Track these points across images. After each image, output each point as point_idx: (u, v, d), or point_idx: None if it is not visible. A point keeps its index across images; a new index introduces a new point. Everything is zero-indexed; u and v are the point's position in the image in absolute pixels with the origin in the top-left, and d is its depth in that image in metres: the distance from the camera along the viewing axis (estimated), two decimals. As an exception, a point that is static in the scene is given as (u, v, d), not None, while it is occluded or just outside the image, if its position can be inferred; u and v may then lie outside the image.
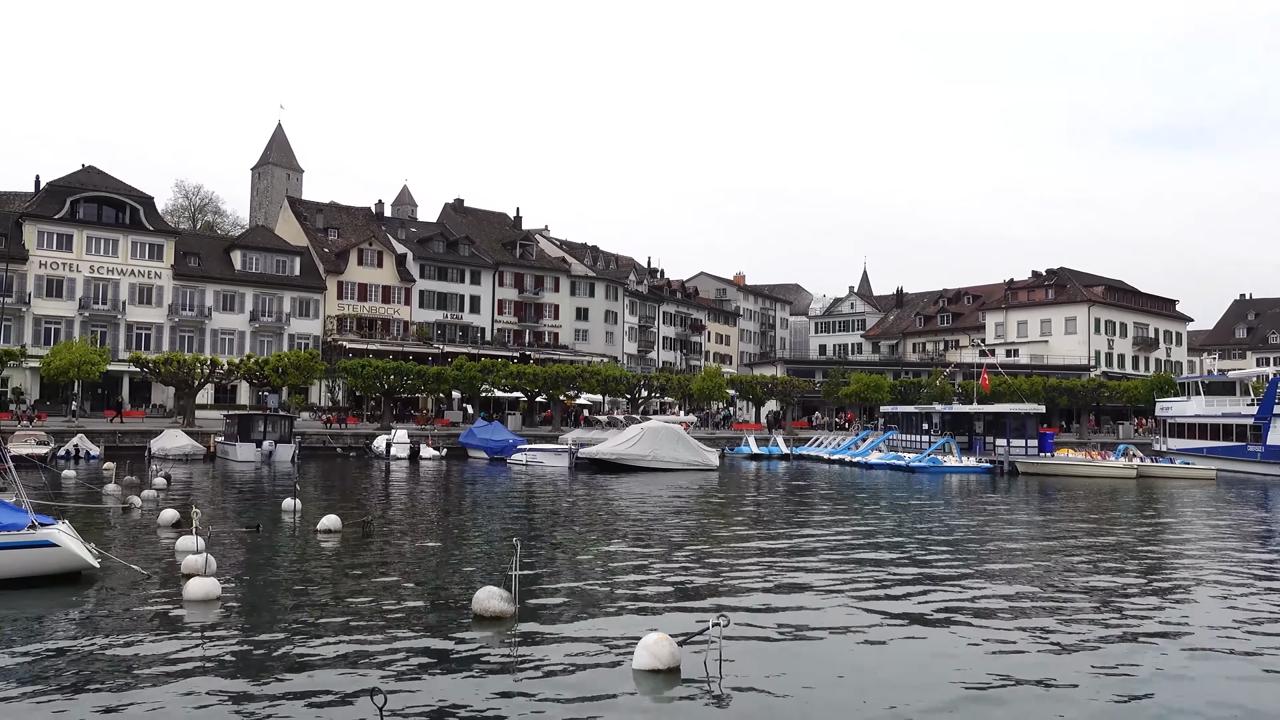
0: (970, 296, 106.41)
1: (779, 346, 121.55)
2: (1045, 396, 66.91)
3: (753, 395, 73.54)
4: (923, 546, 19.58)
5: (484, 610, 11.56)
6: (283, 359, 57.14)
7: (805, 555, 18.05)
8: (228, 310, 68.63)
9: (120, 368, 59.76)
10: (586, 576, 15.41)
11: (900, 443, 55.04)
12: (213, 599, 12.15)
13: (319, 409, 65.01)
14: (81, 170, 67.68)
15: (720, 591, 14.20)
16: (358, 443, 52.53)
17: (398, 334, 76.09)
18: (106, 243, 64.80)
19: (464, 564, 16.65)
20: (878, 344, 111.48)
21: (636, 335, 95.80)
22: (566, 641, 10.81)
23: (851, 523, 24.22)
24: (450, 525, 22.69)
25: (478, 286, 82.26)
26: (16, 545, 12.65)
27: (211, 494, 29.52)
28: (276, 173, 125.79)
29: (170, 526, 19.44)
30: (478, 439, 51.14)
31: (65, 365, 51.97)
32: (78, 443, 43.45)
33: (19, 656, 9.82)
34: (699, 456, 45.10)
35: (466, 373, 60.96)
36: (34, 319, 61.53)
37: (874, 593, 14.15)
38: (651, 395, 72.84)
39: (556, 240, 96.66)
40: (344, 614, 12.09)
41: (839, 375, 79.17)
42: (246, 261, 70.61)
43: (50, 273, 62.56)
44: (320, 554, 17.20)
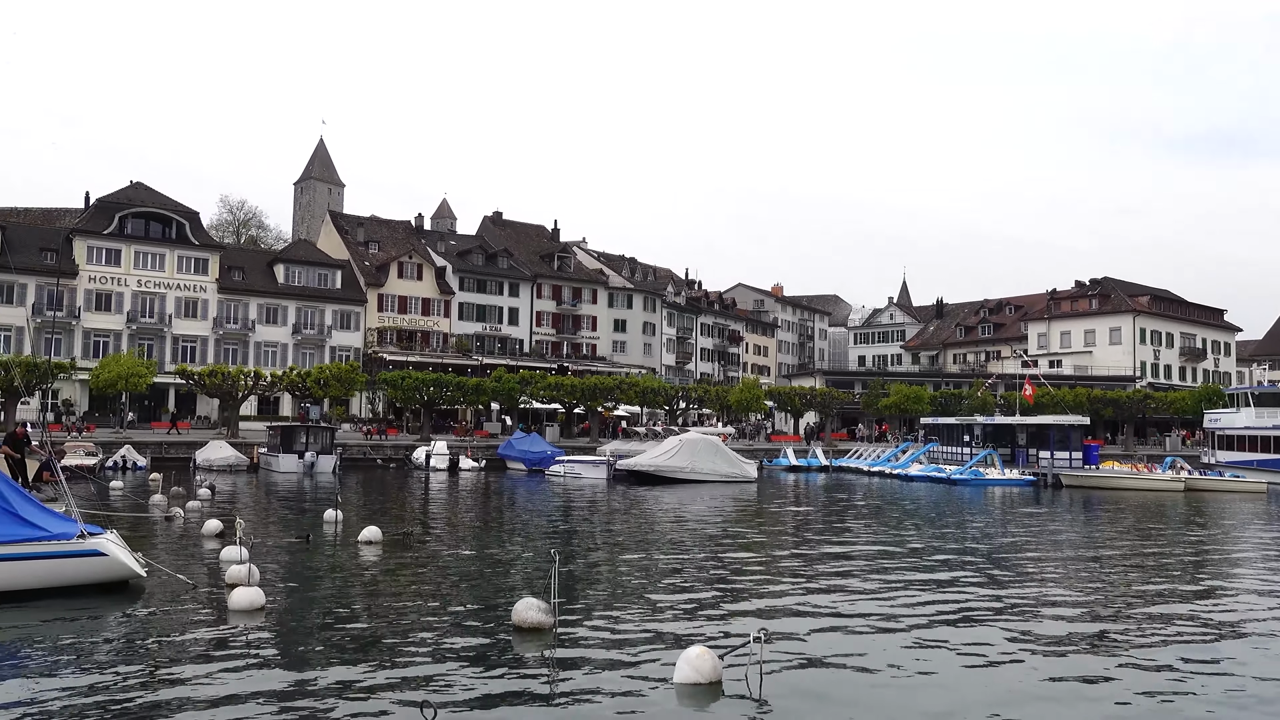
0: (1012, 307, 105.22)
1: (817, 358, 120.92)
2: (1089, 408, 65.96)
3: (791, 407, 73.20)
4: (965, 560, 19.33)
5: (523, 622, 11.56)
6: (324, 371, 57.81)
7: (846, 568, 17.88)
8: (271, 323, 69.61)
9: (166, 380, 60.81)
10: (625, 588, 15.37)
11: (941, 455, 54.49)
12: (257, 609, 12.27)
13: (360, 420, 65.69)
14: (130, 186, 69.10)
15: (761, 605, 14.09)
16: (398, 454, 52.97)
17: (437, 346, 76.71)
18: (154, 257, 66.06)
19: (503, 575, 16.69)
20: (917, 355, 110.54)
21: (674, 347, 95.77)
22: (606, 654, 10.78)
23: (892, 535, 23.98)
24: (489, 536, 22.77)
25: (516, 298, 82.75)
26: (66, 554, 12.86)
27: (255, 505, 29.87)
28: (318, 187, 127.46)
29: (214, 537, 19.69)
30: (516, 450, 51.33)
31: (113, 377, 52.96)
32: (125, 453, 44.21)
33: (68, 664, 9.98)
34: (737, 468, 44.91)
35: (505, 384, 61.28)
36: (83, 332, 62.82)
37: (915, 606, 13.98)
38: (689, 407, 72.76)
39: (594, 252, 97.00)
40: (384, 625, 12.16)
41: (878, 386, 78.57)
42: (289, 275, 71.62)
43: (99, 287, 63.87)
44: (361, 565, 17.32)
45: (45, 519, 13.22)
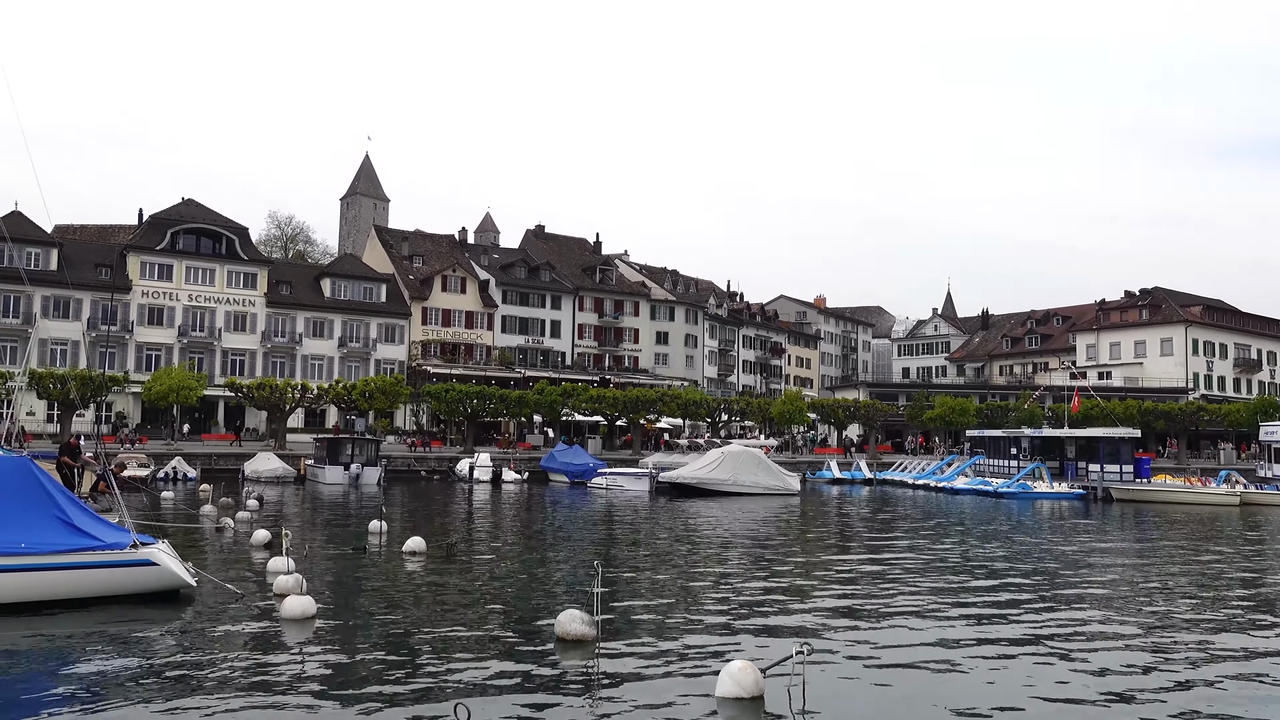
0: (1059, 317, 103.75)
1: (861, 370, 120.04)
2: (1140, 420, 64.79)
3: (834, 419, 72.70)
4: (1012, 574, 19.06)
5: (566, 633, 11.59)
6: (369, 384, 58.49)
7: (890, 582, 17.71)
8: (317, 336, 70.57)
9: (216, 392, 61.87)
10: (668, 600, 15.35)
11: (987, 468, 53.77)
12: (305, 618, 12.42)
13: (404, 432, 66.31)
14: (181, 203, 70.53)
15: (803, 618, 14.00)
16: (441, 466, 53.38)
17: (480, 359, 77.28)
18: (204, 272, 67.33)
19: (546, 586, 16.75)
20: (963, 367, 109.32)
21: (716, 359, 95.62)
22: (648, 666, 10.77)
23: (937, 549, 23.72)
24: (532, 548, 22.87)
25: (558, 311, 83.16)
26: (119, 564, 13.13)
27: (301, 516, 30.25)
28: (364, 202, 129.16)
29: (262, 547, 19.97)
30: (558, 463, 51.49)
31: (165, 390, 54.00)
32: (176, 465, 45.00)
33: (120, 671, 10.18)
34: (780, 481, 44.65)
35: (547, 397, 61.53)
36: (136, 346, 64.14)
37: (960, 621, 13.81)
38: (731, 419, 72.54)
39: (636, 265, 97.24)
40: (429, 634, 12.26)
41: (923, 398, 77.77)
42: (335, 289, 72.61)
43: (152, 301, 65.19)
44: (406, 575, 17.47)
45: (99, 529, 13.52)
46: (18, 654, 10.81)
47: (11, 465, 13.39)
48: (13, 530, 12.52)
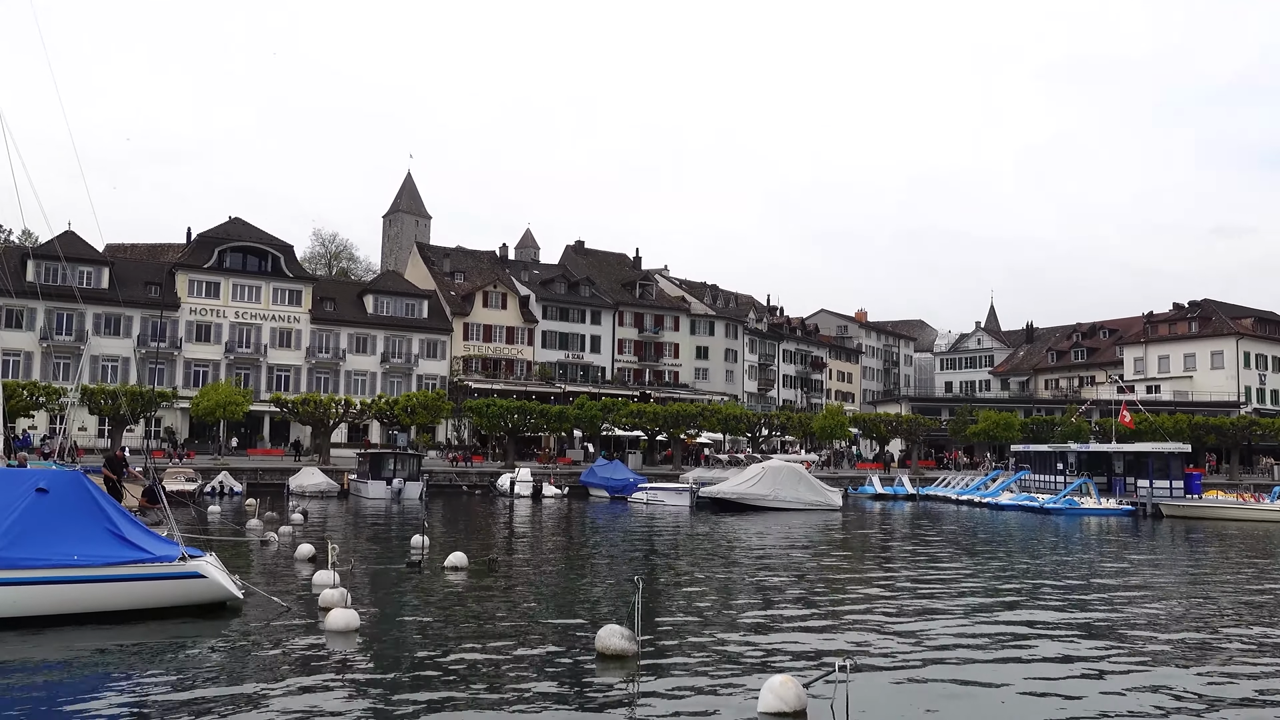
0: (1106, 330, 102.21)
1: (903, 384, 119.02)
2: (1191, 435, 63.54)
3: (876, 433, 72.12)
4: (1060, 592, 18.76)
5: (606, 648, 11.60)
6: (412, 399, 59.01)
7: (933, 598, 17.51)
8: (360, 352, 71.40)
9: (261, 408, 62.74)
10: (709, 616, 15.31)
11: (1033, 483, 53.02)
12: (350, 631, 12.55)
13: (445, 447, 66.78)
14: (228, 222, 71.79)
15: (845, 633, 13.89)
16: (482, 480, 53.66)
17: (521, 374, 77.69)
18: (250, 289, 68.44)
19: (586, 602, 16.77)
20: (1007, 381, 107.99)
21: (756, 373, 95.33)
22: (689, 681, 10.75)
23: (981, 565, 23.42)
24: (573, 563, 22.91)
25: (598, 326, 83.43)
26: (168, 576, 13.35)
27: (344, 529, 30.54)
28: (406, 219, 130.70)
29: (307, 561, 20.19)
30: (599, 478, 51.54)
31: (213, 406, 54.87)
32: (222, 479, 45.62)
33: (168, 682, 10.35)
34: (821, 496, 44.35)
35: (588, 412, 61.68)
36: (184, 362, 65.29)
37: (1005, 639, 13.62)
38: (772, 434, 72.23)
39: (676, 280, 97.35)
40: (471, 648, 12.32)
41: (966, 413, 76.92)
42: (378, 305, 73.46)
43: (200, 318, 66.37)
44: (448, 590, 17.57)
45: (149, 541, 13.77)
46: (71, 664, 11.01)
47: (65, 479, 13.70)
48: (66, 543, 12.80)
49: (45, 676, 10.45)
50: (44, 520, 12.84)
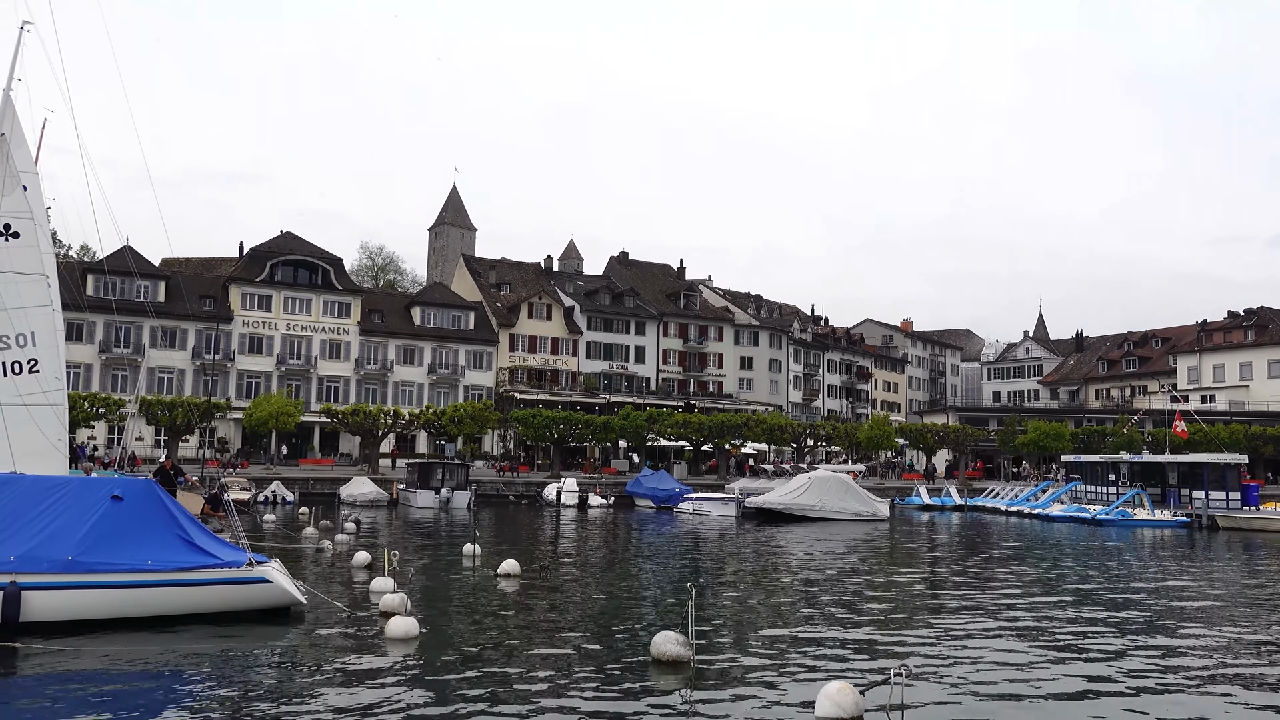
0: (1158, 339, 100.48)
1: (949, 394, 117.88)
2: (1247, 445, 62.27)
3: (923, 444, 71.60)
4: (1112, 603, 18.61)
5: (662, 654, 11.78)
6: (459, 409, 59.68)
7: (985, 607, 17.47)
8: (408, 363, 72.34)
9: (312, 419, 63.77)
10: (760, 623, 15.44)
11: (1084, 494, 52.35)
12: (411, 637, 12.86)
13: (491, 457, 67.39)
14: (279, 236, 73.14)
15: (898, 642, 13.96)
16: (529, 490, 54.11)
17: (566, 384, 78.17)
18: (301, 302, 69.66)
19: (638, 609, 16.96)
20: (1056, 390, 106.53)
21: (801, 384, 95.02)
22: (744, 687, 10.90)
23: (1033, 576, 23.26)
24: (622, 571, 23.13)
25: (642, 337, 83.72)
26: (236, 581, 13.80)
27: (395, 538, 31.00)
28: (451, 232, 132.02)
29: (363, 568, 20.61)
30: (644, 488, 51.76)
31: (265, 416, 55.96)
32: (275, 488, 46.49)
33: (239, 684, 10.72)
34: (868, 507, 44.21)
35: (633, 422, 61.93)
36: (238, 374, 66.57)
37: (1057, 648, 13.59)
38: (817, 444, 71.99)
39: (720, 290, 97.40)
40: (528, 654, 12.57)
41: (1014, 423, 76.09)
42: (425, 317, 74.39)
43: (252, 331, 67.66)
44: (502, 597, 17.86)
45: (218, 548, 14.23)
46: (146, 665, 11.41)
47: (139, 487, 14.21)
48: (140, 548, 13.27)
49: (122, 677, 10.85)
50: (119, 527, 13.33)
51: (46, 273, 20.23)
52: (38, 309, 19.75)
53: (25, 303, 19.55)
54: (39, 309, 19.78)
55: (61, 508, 13.27)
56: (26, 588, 12.31)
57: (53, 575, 12.60)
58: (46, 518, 13.09)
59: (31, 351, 19.46)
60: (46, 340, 19.76)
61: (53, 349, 19.96)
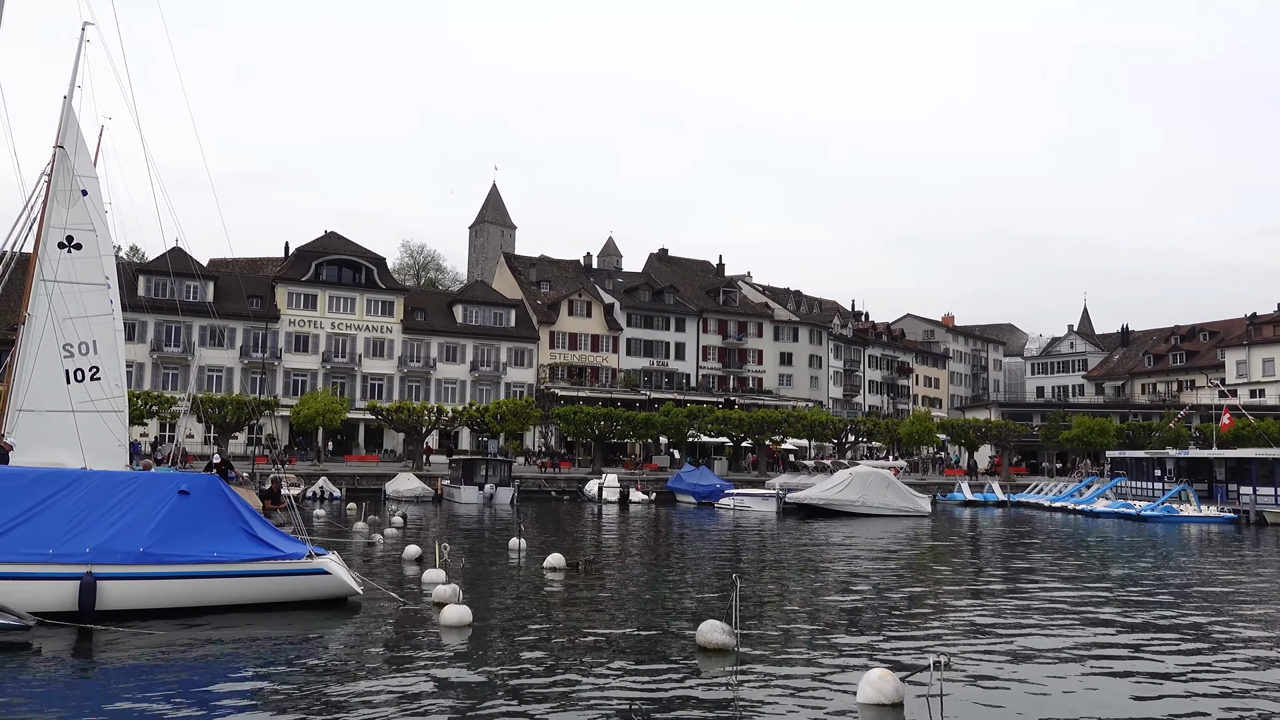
0: (1206, 333, 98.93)
1: (992, 389, 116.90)
2: (1297, 440, 61.26)
3: (965, 439, 71.23)
4: (1158, 599, 18.66)
5: (707, 643, 12.14)
6: (501, 406, 60.38)
7: (1027, 600, 17.62)
8: (450, 361, 73.24)
9: (357, 416, 64.84)
10: (802, 614, 15.73)
11: (1129, 490, 51.88)
12: (463, 625, 13.34)
13: (533, 454, 68.07)
14: (324, 236, 74.34)
15: (939, 633, 14.19)
16: (570, 486, 54.65)
17: (606, 381, 78.68)
18: (345, 301, 70.82)
19: (682, 600, 17.32)
20: (1101, 385, 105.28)
21: (841, 379, 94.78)
22: (788, 674, 11.22)
23: (1076, 571, 23.30)
24: (665, 565, 23.49)
25: (682, 333, 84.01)
26: (297, 572, 14.37)
27: (442, 532, 31.60)
28: (491, 230, 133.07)
29: (414, 561, 21.18)
30: (685, 483, 52.08)
31: (312, 413, 57.01)
32: (322, 484, 47.41)
33: (302, 670, 11.23)
34: (910, 502, 44.21)
35: (673, 418, 62.26)
36: (284, 372, 67.84)
37: (1099, 643, 13.73)
38: (858, 440, 71.89)
39: (759, 286, 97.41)
40: (577, 642, 12.99)
41: (1059, 418, 75.42)
42: (467, 315, 75.26)
43: (298, 330, 68.90)
44: (549, 589, 18.31)
45: (279, 540, 14.81)
46: (213, 652, 11.97)
47: (204, 482, 14.82)
48: (206, 541, 13.87)
49: (190, 662, 11.41)
50: (186, 520, 13.94)
51: (108, 280, 20.99)
52: (99, 318, 20.54)
53: (87, 312, 20.34)
54: (100, 318, 20.57)
55: (132, 502, 13.90)
56: (101, 578, 12.93)
57: (125, 566, 13.22)
58: (118, 511, 13.72)
59: (94, 359, 20.26)
60: (107, 348, 20.55)
61: (113, 356, 20.74)
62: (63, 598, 12.73)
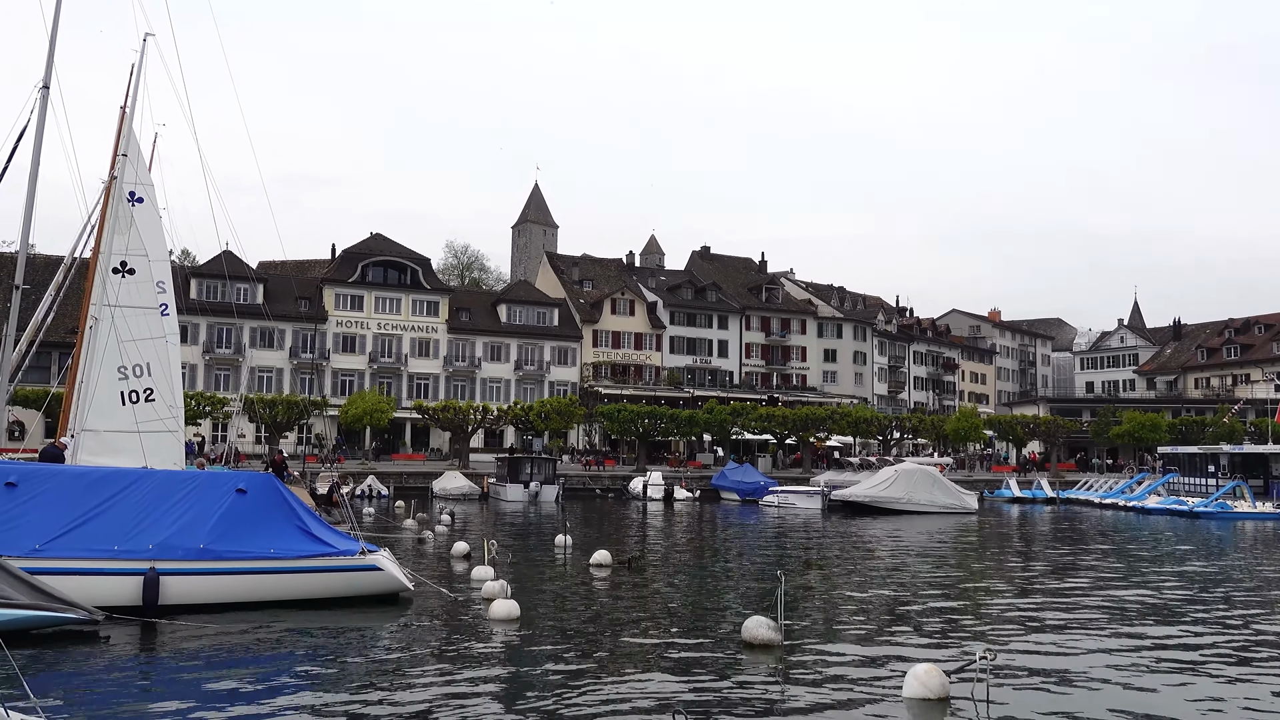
0: (1261, 325, 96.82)
1: (1040, 385, 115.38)
2: (1357, 435, 59.84)
3: (1013, 436, 70.45)
4: (1209, 598, 18.43)
5: (753, 638, 12.26)
6: (545, 405, 60.81)
7: (1074, 598, 17.50)
8: (494, 360, 73.89)
9: (403, 415, 65.67)
10: (847, 610, 15.79)
11: (1182, 486, 51.04)
12: (512, 619, 13.60)
13: (577, 452, 68.46)
14: (370, 237, 75.34)
15: (985, 629, 14.19)
16: (615, 484, 54.91)
17: (649, 379, 78.88)
18: (391, 301, 71.73)
19: (727, 596, 17.45)
20: (1152, 380, 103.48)
21: (886, 376, 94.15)
22: (833, 670, 11.31)
23: (1127, 568, 23.04)
24: (710, 561, 23.62)
25: (725, 331, 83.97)
26: (350, 568, 14.73)
27: (488, 530, 31.99)
28: (534, 229, 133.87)
29: (462, 558, 21.53)
30: (730, 481, 52.12)
31: (359, 413, 57.88)
32: (371, 483, 48.11)
33: (357, 663, 11.55)
34: (956, 499, 43.86)
35: (717, 416, 62.30)
36: (333, 372, 68.87)
37: (1149, 642, 13.60)
38: (903, 437, 71.40)
39: (802, 283, 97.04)
40: (623, 637, 13.18)
41: (1109, 414, 74.31)
42: (510, 314, 75.86)
43: (345, 330, 69.91)
44: (596, 585, 18.53)
45: (333, 537, 15.20)
46: (272, 645, 12.33)
47: (260, 481, 15.24)
48: (263, 537, 14.29)
49: (249, 655, 11.77)
50: (244, 517, 14.36)
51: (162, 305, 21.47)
52: (151, 340, 21.07)
53: (139, 335, 20.87)
54: (153, 340, 21.11)
55: (192, 500, 14.35)
56: (164, 573, 13.37)
57: (187, 562, 13.66)
58: (179, 509, 14.17)
59: (147, 381, 20.81)
60: (160, 369, 21.09)
61: (166, 378, 21.24)
62: (128, 593, 13.18)
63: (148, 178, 24.15)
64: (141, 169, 24.06)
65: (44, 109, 17.44)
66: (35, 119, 17.30)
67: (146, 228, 22.41)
